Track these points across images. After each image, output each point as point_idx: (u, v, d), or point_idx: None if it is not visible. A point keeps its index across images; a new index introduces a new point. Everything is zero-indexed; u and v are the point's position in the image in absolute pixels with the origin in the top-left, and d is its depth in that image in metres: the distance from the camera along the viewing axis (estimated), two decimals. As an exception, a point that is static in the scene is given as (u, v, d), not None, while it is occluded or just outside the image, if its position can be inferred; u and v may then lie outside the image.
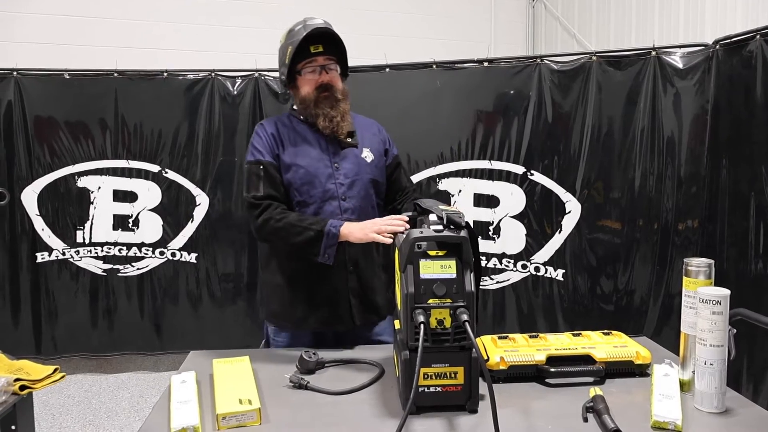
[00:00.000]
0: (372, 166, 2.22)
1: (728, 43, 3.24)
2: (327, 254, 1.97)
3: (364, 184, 2.18)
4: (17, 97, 4.01)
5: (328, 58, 2.17)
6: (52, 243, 4.13)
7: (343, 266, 2.13)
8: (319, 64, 2.15)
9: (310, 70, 2.15)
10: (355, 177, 2.17)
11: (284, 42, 2.17)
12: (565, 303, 3.73)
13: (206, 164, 4.10)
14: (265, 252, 2.27)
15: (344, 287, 2.15)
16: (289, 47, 2.12)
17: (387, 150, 2.32)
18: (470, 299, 1.47)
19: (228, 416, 1.45)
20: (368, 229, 1.88)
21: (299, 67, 2.16)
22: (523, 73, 3.69)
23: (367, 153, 2.22)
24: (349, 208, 2.13)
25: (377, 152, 2.26)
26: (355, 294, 2.16)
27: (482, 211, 3.76)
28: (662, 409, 1.43)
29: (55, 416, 3.72)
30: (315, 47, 2.13)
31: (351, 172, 2.17)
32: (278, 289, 2.19)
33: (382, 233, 1.82)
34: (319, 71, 2.15)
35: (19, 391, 1.81)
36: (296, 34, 2.10)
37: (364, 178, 2.19)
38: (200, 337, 4.13)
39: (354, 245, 2.06)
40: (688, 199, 3.48)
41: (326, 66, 2.16)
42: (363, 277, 2.18)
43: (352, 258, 2.15)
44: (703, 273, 1.55)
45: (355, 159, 2.19)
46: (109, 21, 5.48)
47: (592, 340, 1.82)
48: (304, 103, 2.17)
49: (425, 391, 1.49)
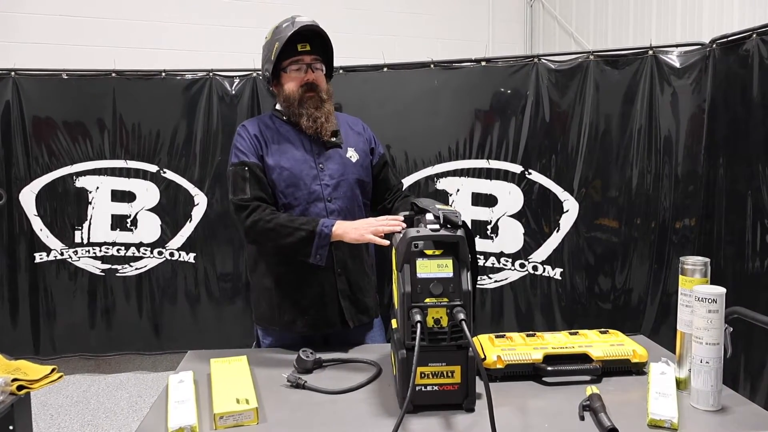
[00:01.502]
0: (357, 165, 2.20)
1: (725, 42, 3.24)
2: (319, 255, 1.94)
3: (349, 184, 2.17)
4: (15, 98, 4.01)
5: (315, 58, 2.15)
6: (50, 243, 4.13)
7: (332, 268, 2.12)
8: (306, 62, 2.13)
9: (295, 68, 2.13)
10: (341, 178, 2.15)
11: (270, 38, 2.15)
12: (562, 302, 3.74)
13: (204, 164, 4.10)
14: (253, 255, 2.23)
15: (333, 290, 2.13)
16: (276, 44, 2.09)
17: (373, 149, 2.30)
18: (467, 298, 1.47)
19: (225, 416, 1.45)
20: (363, 229, 1.86)
21: (285, 64, 2.14)
22: (520, 72, 3.69)
23: (352, 153, 2.21)
24: (335, 209, 2.12)
25: (362, 152, 2.24)
26: (344, 296, 2.15)
27: (480, 210, 3.77)
28: (659, 407, 1.44)
29: (54, 416, 3.73)
30: (302, 45, 2.11)
31: (336, 173, 2.15)
32: (266, 292, 2.17)
33: (378, 234, 1.82)
34: (305, 69, 2.13)
35: (16, 391, 1.81)
36: (284, 31, 2.08)
37: (350, 178, 2.17)
38: (198, 336, 4.12)
39: (342, 247, 2.04)
40: (685, 197, 3.48)
41: (312, 65, 2.14)
42: (352, 279, 2.17)
43: (341, 260, 2.13)
44: (699, 271, 1.56)
45: (340, 159, 2.17)
46: (107, 21, 5.48)
47: (589, 338, 1.83)
48: (288, 101, 2.15)
49: (422, 389, 1.49)
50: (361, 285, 2.20)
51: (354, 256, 2.17)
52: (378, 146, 2.33)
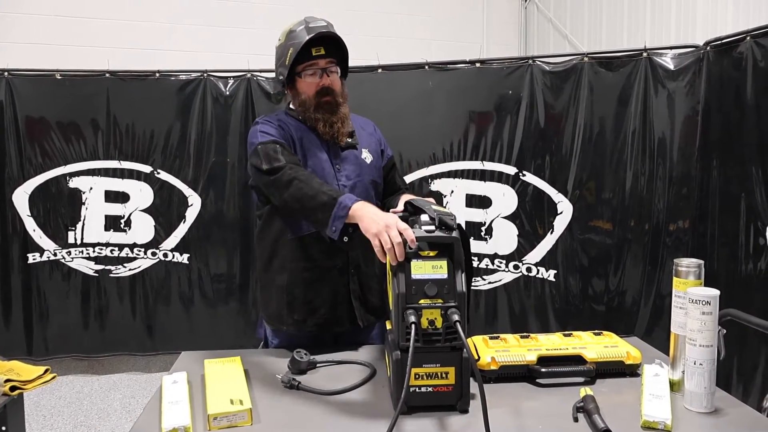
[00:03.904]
0: (372, 167, 2.20)
1: (719, 44, 3.26)
2: (334, 227, 1.79)
3: (365, 186, 2.15)
4: (8, 98, 4.00)
5: (330, 61, 2.10)
6: (43, 244, 4.12)
7: (345, 270, 2.11)
8: (321, 67, 2.08)
9: (310, 73, 2.09)
10: (357, 179, 2.14)
11: (284, 42, 2.10)
12: (556, 303, 3.74)
13: (198, 165, 4.10)
14: (267, 252, 2.20)
15: (345, 289, 2.13)
16: (290, 48, 2.06)
17: (383, 151, 2.30)
18: (461, 299, 1.47)
19: (219, 416, 1.44)
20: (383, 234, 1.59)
21: (299, 69, 2.09)
22: (515, 74, 3.70)
23: (366, 154, 2.20)
24: None
25: (375, 153, 2.24)
26: (356, 296, 2.14)
27: (474, 211, 3.77)
28: (652, 408, 1.44)
29: (46, 417, 3.71)
30: (317, 50, 2.06)
31: (353, 174, 2.13)
32: (278, 290, 2.14)
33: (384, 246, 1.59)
34: (320, 74, 2.09)
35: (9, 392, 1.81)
36: (298, 36, 2.04)
37: (365, 179, 2.16)
38: (192, 337, 4.13)
39: (356, 248, 2.02)
40: (679, 199, 3.50)
41: (327, 69, 2.11)
42: (363, 280, 2.16)
43: (354, 262, 2.12)
44: (693, 273, 1.56)
45: (356, 160, 2.16)
46: (100, 21, 5.46)
47: (583, 340, 1.83)
48: (303, 107, 2.11)
49: (416, 391, 1.49)
50: (371, 286, 2.19)
51: (367, 258, 2.16)
52: (387, 148, 2.32)
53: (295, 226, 2.08)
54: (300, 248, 2.09)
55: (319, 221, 1.85)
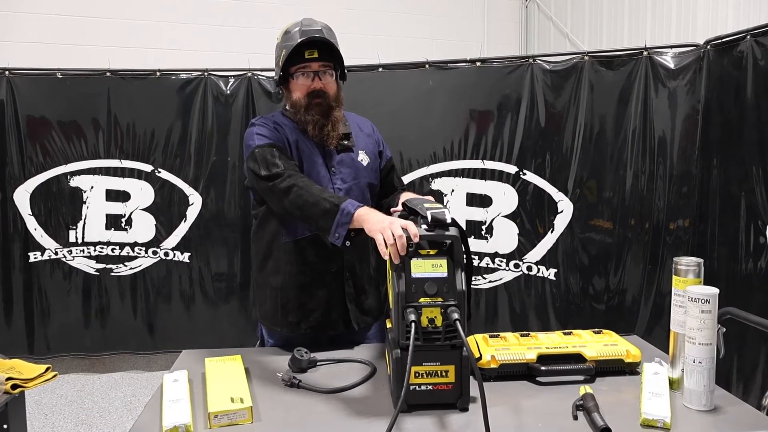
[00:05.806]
0: (368, 169, 2.18)
1: (719, 43, 3.26)
2: (338, 233, 1.79)
3: (361, 189, 2.14)
4: (9, 97, 4.00)
5: (323, 64, 2.09)
6: (44, 243, 4.12)
7: (341, 273, 2.11)
8: (313, 70, 2.07)
9: (302, 75, 2.08)
10: (353, 182, 2.12)
11: (280, 42, 2.10)
12: (557, 302, 3.75)
13: (199, 164, 4.10)
14: (261, 252, 2.19)
15: (340, 292, 2.12)
16: (283, 50, 2.06)
17: (381, 152, 2.27)
18: (461, 298, 1.48)
19: (220, 414, 1.45)
20: (387, 230, 1.58)
21: (292, 70, 2.08)
22: (515, 72, 3.70)
23: (363, 156, 2.18)
24: None
25: (372, 154, 2.21)
26: (351, 299, 2.14)
27: (475, 210, 3.77)
28: (651, 407, 1.44)
29: (48, 416, 3.72)
30: (310, 52, 2.05)
31: (348, 177, 2.12)
32: (273, 291, 2.14)
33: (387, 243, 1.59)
34: (312, 77, 2.08)
35: (11, 390, 1.81)
36: (291, 38, 2.03)
37: (361, 182, 2.14)
38: (193, 336, 4.13)
39: (351, 251, 2.02)
40: (679, 198, 3.50)
41: (320, 72, 2.09)
42: (358, 283, 2.15)
43: (349, 265, 2.12)
44: (693, 272, 1.56)
45: (352, 163, 2.14)
46: (101, 20, 5.46)
47: (583, 338, 1.83)
48: (295, 108, 2.10)
49: (416, 389, 1.49)
50: (366, 288, 2.19)
51: (362, 260, 2.16)
52: (386, 149, 2.29)
53: (290, 228, 2.08)
54: (295, 251, 2.09)
55: (321, 228, 1.85)
